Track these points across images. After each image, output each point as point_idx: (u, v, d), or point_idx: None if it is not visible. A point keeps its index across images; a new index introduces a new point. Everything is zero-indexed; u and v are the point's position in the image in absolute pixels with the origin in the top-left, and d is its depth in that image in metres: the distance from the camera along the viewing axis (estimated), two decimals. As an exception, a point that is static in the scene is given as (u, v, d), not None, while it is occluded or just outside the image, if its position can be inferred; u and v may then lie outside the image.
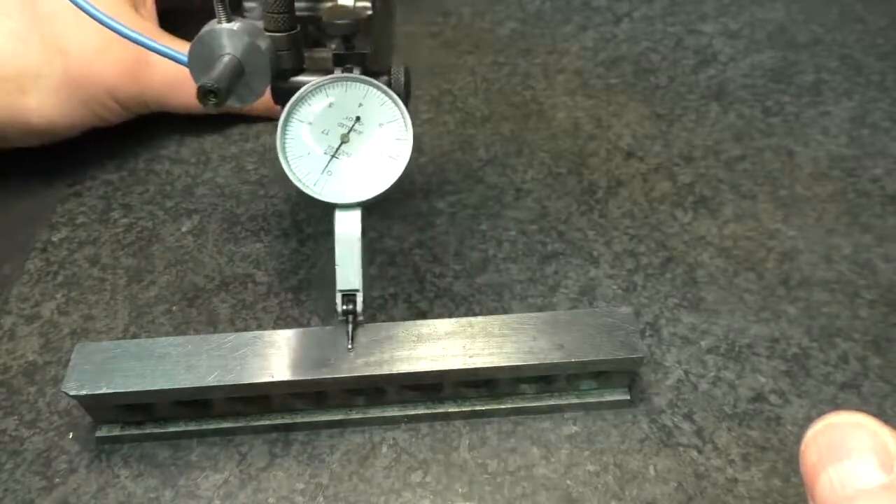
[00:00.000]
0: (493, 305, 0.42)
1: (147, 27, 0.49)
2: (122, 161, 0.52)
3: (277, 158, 0.35)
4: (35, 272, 0.45)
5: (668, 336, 0.41)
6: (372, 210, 0.37)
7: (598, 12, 0.65)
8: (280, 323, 0.42)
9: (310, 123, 0.35)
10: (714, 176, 0.50)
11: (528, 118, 0.55)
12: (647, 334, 0.41)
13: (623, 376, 0.37)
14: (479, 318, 0.37)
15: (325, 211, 0.35)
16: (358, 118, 0.35)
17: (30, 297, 0.43)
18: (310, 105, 0.35)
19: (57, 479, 0.35)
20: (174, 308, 0.43)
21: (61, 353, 0.40)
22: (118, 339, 0.41)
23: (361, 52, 0.37)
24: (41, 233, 0.47)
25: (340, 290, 0.35)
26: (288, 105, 0.35)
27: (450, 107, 0.56)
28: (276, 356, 0.35)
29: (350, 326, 0.36)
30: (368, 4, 0.40)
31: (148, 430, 0.37)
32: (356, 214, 0.35)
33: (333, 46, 0.37)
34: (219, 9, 0.33)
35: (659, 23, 0.64)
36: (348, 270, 0.35)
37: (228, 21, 0.33)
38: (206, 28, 0.33)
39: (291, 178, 0.35)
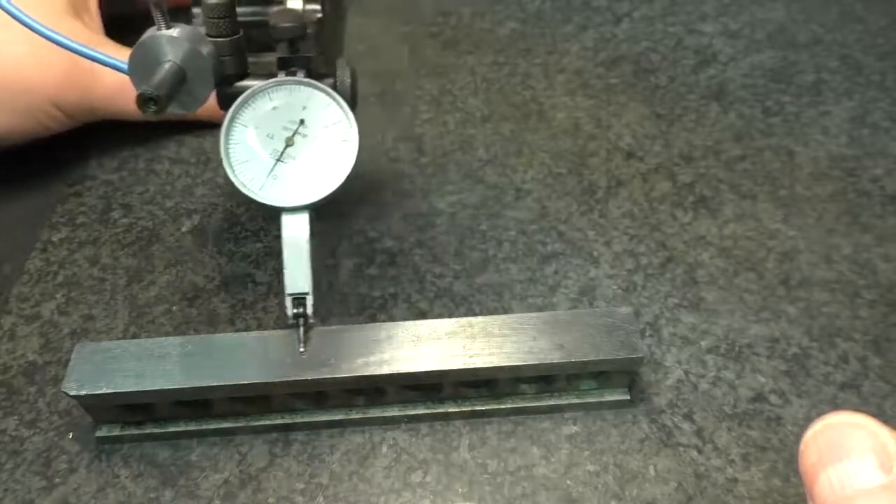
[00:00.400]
0: (493, 305, 0.42)
1: (90, 35, 0.48)
2: (122, 161, 0.52)
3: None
4: (35, 272, 0.45)
5: (668, 336, 0.41)
6: (320, 212, 0.37)
7: (598, 12, 0.65)
8: (280, 323, 0.42)
9: (254, 128, 0.35)
10: (714, 176, 0.50)
11: (528, 118, 0.55)
12: (647, 334, 0.41)
13: (623, 376, 0.37)
14: (479, 318, 0.37)
15: (273, 215, 0.35)
16: (302, 121, 0.35)
17: (30, 297, 0.43)
18: (253, 109, 0.35)
19: (57, 479, 0.35)
20: (174, 308, 0.43)
21: (61, 353, 0.40)
22: (118, 339, 0.41)
23: (306, 55, 0.37)
24: (41, 233, 0.47)
25: (289, 294, 0.35)
26: (231, 109, 0.35)
27: (450, 107, 0.56)
28: (275, 356, 0.35)
29: (301, 330, 0.35)
30: (318, 7, 0.40)
31: (148, 430, 0.37)
32: (303, 217, 0.35)
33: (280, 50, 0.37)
34: (157, 15, 0.33)
35: (659, 23, 0.64)
36: (297, 274, 0.35)
37: (168, 27, 0.33)
38: (146, 35, 0.33)
39: (236, 183, 0.35)
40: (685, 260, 0.45)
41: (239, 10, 0.36)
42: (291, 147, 0.35)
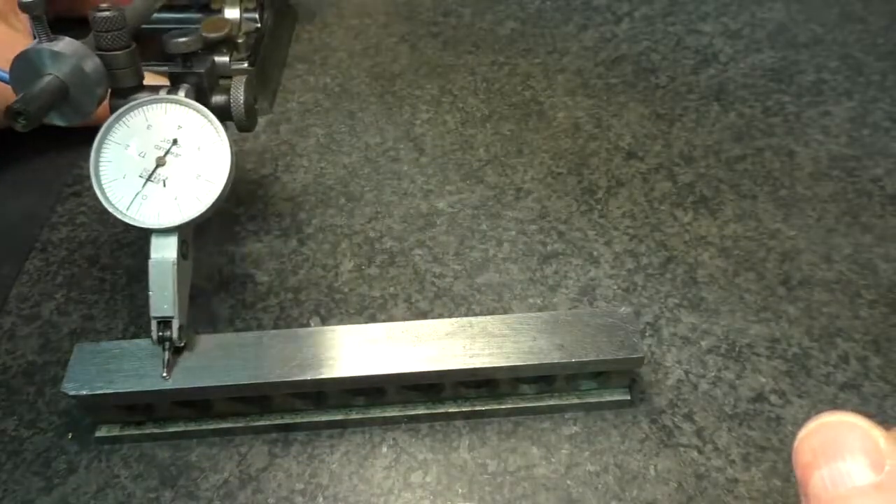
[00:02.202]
0: (493, 305, 0.42)
1: (16, 38, 0.47)
2: (121, 161, 0.52)
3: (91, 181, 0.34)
4: (35, 272, 0.45)
5: (668, 336, 0.41)
6: (199, 230, 0.36)
7: (598, 12, 0.65)
8: (280, 323, 0.42)
9: (126, 146, 0.34)
10: (714, 176, 0.50)
11: (528, 118, 0.55)
12: (647, 334, 0.41)
13: (623, 376, 0.37)
14: (479, 318, 0.37)
15: (143, 236, 0.34)
16: (175, 141, 0.35)
17: (29, 297, 0.43)
18: (127, 126, 0.35)
19: (56, 480, 0.35)
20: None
21: (61, 353, 0.40)
22: (118, 339, 0.41)
23: (197, 71, 0.36)
24: (41, 233, 0.47)
25: (154, 317, 0.34)
26: (104, 126, 0.34)
27: (450, 107, 0.56)
28: (276, 356, 0.35)
29: (166, 354, 0.34)
30: (255, 17, 0.39)
31: (148, 431, 0.36)
32: (172, 239, 0.34)
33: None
34: (37, 29, 0.32)
35: (659, 23, 0.64)
36: (162, 297, 0.34)
37: (49, 41, 0.33)
38: (29, 46, 0.33)
39: (104, 202, 0.34)
40: (685, 260, 0.45)
41: (172, 16, 0.35)
42: (163, 167, 0.34)
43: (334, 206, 0.49)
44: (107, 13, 0.34)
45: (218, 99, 0.38)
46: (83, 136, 0.50)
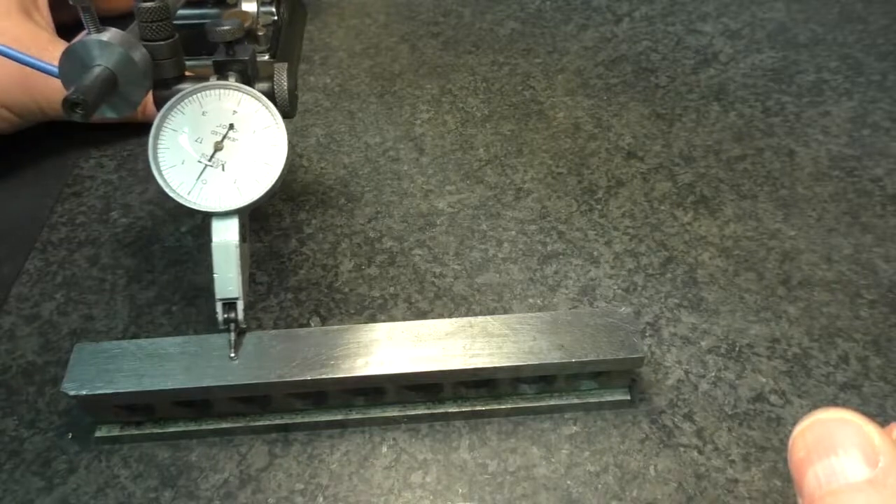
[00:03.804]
0: (493, 305, 0.42)
1: (39, 34, 0.47)
2: (122, 161, 0.52)
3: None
4: (35, 272, 0.45)
5: (668, 336, 0.41)
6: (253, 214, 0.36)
7: (598, 12, 0.65)
8: (280, 323, 0.42)
9: (183, 132, 0.35)
10: (714, 176, 0.50)
11: (528, 118, 0.55)
12: (647, 334, 0.41)
13: (623, 376, 0.37)
14: (479, 318, 0.37)
15: (204, 220, 0.35)
16: (232, 125, 0.35)
17: (29, 297, 0.43)
18: (183, 113, 0.35)
19: (56, 480, 0.35)
20: (174, 308, 0.42)
21: (61, 353, 0.40)
22: (118, 339, 0.41)
23: (241, 58, 0.37)
24: (41, 233, 0.47)
25: (220, 299, 0.35)
26: (160, 114, 0.35)
27: (450, 107, 0.56)
28: (275, 356, 0.35)
29: (232, 335, 0.35)
30: (272, 10, 0.39)
31: (148, 430, 0.36)
32: (233, 222, 0.35)
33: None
34: (86, 20, 0.33)
35: (659, 22, 0.64)
36: (226, 279, 0.35)
37: (98, 32, 0.33)
38: (77, 39, 0.33)
39: (164, 188, 0.34)
40: (685, 260, 0.45)
41: (191, 11, 0.35)
42: (221, 151, 0.35)
43: (334, 206, 0.49)
44: (152, 3, 0.34)
45: (261, 86, 0.38)
46: (83, 136, 0.51)
